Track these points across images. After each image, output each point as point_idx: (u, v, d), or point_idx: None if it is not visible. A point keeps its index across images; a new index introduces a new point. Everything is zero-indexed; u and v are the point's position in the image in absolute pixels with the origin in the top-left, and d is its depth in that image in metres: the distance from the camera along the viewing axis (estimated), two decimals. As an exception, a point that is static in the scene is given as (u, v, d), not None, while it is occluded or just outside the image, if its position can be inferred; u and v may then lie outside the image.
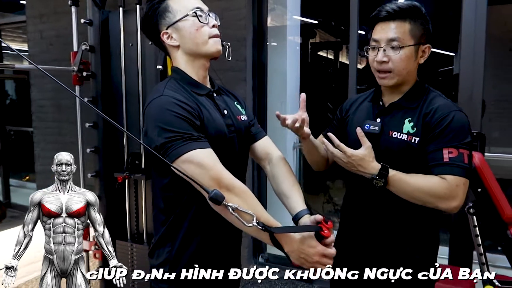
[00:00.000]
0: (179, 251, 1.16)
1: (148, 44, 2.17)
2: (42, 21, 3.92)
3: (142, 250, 2.21)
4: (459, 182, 1.20)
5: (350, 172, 1.33)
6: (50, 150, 4.18)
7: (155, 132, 1.06)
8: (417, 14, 1.29)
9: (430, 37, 1.32)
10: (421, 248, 1.34)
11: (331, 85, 4.72)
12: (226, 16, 2.90)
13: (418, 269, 1.35)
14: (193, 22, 1.16)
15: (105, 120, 2.29)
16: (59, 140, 4.05)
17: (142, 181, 2.22)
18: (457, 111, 1.26)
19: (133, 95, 2.22)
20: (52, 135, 4.09)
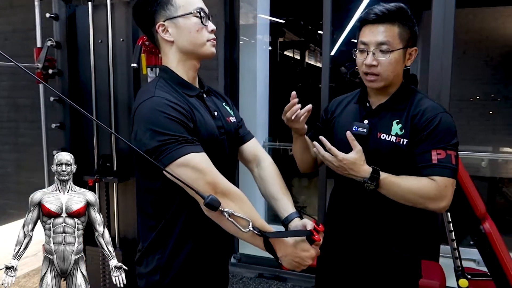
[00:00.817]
0: (170, 258, 1.12)
1: (119, 41, 2.09)
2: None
3: (115, 256, 2.12)
4: (447, 183, 1.22)
5: None
6: (6, 151, 3.93)
7: (146, 135, 1.01)
8: (405, 17, 1.30)
9: (416, 40, 1.34)
10: (408, 246, 1.37)
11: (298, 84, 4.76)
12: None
13: (406, 266, 1.38)
14: (195, 22, 1.12)
15: (73, 121, 2.18)
16: (16, 141, 3.82)
17: (114, 184, 2.13)
18: (444, 113, 1.28)
19: (103, 95, 2.12)
20: (8, 135, 3.85)
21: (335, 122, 1.47)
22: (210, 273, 1.17)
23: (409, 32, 1.30)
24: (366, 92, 1.42)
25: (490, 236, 1.61)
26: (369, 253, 1.38)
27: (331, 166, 1.29)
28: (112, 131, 0.95)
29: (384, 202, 1.30)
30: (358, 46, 1.33)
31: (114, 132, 0.96)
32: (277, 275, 2.91)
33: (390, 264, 1.36)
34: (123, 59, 2.09)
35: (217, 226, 1.03)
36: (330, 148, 1.27)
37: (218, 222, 1.01)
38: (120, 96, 2.10)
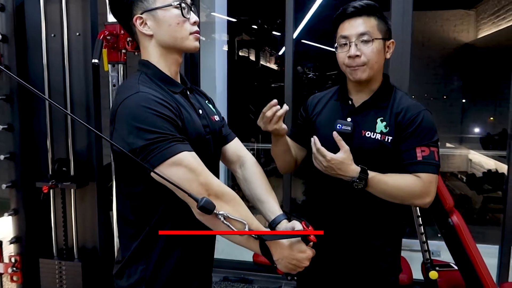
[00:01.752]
0: (156, 268, 1.03)
1: (75, 35, 1.94)
2: None
3: (73, 268, 1.96)
4: (432, 179, 1.26)
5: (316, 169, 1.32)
6: None
7: (133, 133, 0.92)
8: (380, 11, 1.33)
9: (391, 33, 1.37)
10: (389, 240, 1.38)
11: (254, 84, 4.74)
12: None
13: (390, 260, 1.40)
14: (175, 15, 1.04)
15: (23, 122, 1.99)
16: None
17: (71, 190, 1.97)
18: (425, 111, 1.31)
19: (58, 93, 1.95)
20: None
21: (316, 120, 1.45)
22: (197, 282, 1.10)
23: (386, 25, 1.33)
24: (346, 89, 1.42)
25: (458, 228, 1.68)
26: (352, 248, 1.38)
27: (319, 166, 1.27)
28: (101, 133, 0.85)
29: (364, 198, 1.30)
30: (338, 42, 1.34)
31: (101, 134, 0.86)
32: (243, 277, 2.86)
33: (373, 258, 1.36)
34: (79, 55, 1.94)
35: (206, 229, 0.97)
36: (319, 148, 1.25)
37: (211, 226, 0.95)
38: (77, 95, 1.94)
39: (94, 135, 1.95)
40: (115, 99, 1.01)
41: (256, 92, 4.85)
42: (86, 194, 2.00)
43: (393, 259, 1.39)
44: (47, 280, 2.00)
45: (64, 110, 0.82)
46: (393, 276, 1.42)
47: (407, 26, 2.45)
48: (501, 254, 2.47)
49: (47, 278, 1.99)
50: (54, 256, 2.01)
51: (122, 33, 1.75)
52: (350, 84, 1.40)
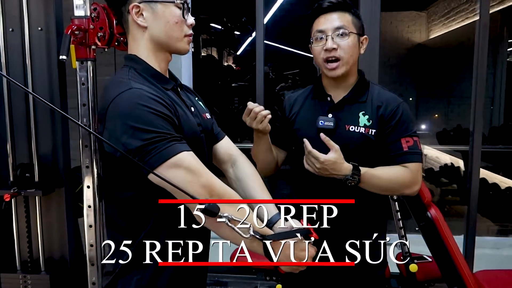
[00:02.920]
0: (154, 277, 0.96)
1: (37, 30, 1.80)
2: None
3: (40, 281, 1.82)
4: (418, 168, 1.31)
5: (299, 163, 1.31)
6: None
7: (127, 133, 0.85)
8: (353, 8, 1.37)
9: (364, 30, 1.40)
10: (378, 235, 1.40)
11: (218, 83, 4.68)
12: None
13: None
14: (176, 13, 0.99)
15: (-22, 125, 1.82)
16: None
17: (36, 198, 1.82)
18: (403, 102, 1.37)
19: (18, 93, 1.80)
20: None
21: (296, 119, 1.45)
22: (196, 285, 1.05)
23: (359, 21, 1.37)
24: (321, 86, 1.42)
25: (437, 221, 1.72)
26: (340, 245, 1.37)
27: (312, 168, 1.26)
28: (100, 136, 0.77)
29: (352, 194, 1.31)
30: (313, 36, 1.35)
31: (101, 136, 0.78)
32: (217, 280, 2.81)
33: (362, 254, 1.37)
34: (42, 51, 1.80)
35: (200, 234, 0.92)
36: (310, 150, 1.25)
37: (213, 229, 0.90)
38: (40, 95, 1.78)
39: (60, 137, 1.82)
40: (104, 97, 0.93)
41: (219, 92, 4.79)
42: (53, 201, 1.86)
43: (380, 252, 1.41)
44: (10, 295, 1.84)
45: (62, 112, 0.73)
46: (381, 270, 1.43)
47: (375, 25, 2.51)
48: (466, 244, 2.59)
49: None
50: (18, 269, 1.85)
51: (92, 27, 1.64)
52: (326, 81, 1.41)
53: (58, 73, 1.78)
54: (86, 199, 1.71)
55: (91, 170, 1.68)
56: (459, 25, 5.56)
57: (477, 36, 2.47)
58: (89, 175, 1.69)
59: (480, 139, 2.48)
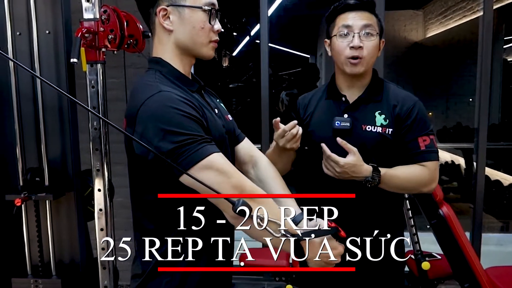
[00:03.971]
0: (183, 279, 0.96)
1: (45, 33, 1.78)
2: None
3: (52, 285, 1.81)
4: (436, 166, 1.32)
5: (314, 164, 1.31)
6: None
7: (159, 136, 0.85)
8: (375, 10, 1.36)
9: (383, 33, 1.39)
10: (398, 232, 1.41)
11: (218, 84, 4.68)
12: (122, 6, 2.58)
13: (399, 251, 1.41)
14: (202, 19, 0.99)
15: (-14, 129, 1.80)
16: None
17: (46, 202, 1.81)
18: (418, 101, 1.37)
19: (27, 97, 1.79)
20: None
21: (311, 122, 1.44)
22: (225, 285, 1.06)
23: (381, 23, 1.37)
24: (335, 86, 1.42)
25: (449, 219, 1.74)
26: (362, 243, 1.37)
27: (332, 172, 1.26)
28: (132, 136, 0.77)
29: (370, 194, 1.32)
30: (338, 32, 1.33)
31: (133, 137, 0.78)
32: (224, 281, 2.80)
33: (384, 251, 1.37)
34: (50, 55, 1.79)
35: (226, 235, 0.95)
36: (329, 155, 1.25)
37: (244, 229, 0.90)
38: (49, 98, 1.79)
39: (70, 141, 1.81)
40: (133, 100, 0.93)
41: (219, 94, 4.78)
42: (63, 205, 1.86)
43: (401, 250, 1.42)
44: (21, 301, 1.83)
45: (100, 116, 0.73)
46: (401, 267, 1.44)
47: (380, 25, 2.51)
48: (473, 241, 2.60)
49: (21, 299, 1.82)
50: (29, 274, 1.84)
51: (101, 30, 1.63)
52: (341, 80, 1.41)
53: (67, 76, 1.77)
54: (97, 202, 1.70)
55: (102, 173, 1.68)
56: (457, 23, 5.60)
57: (481, 32, 2.49)
58: (100, 178, 1.68)
59: (486, 136, 2.49)
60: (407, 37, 6.83)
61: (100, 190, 1.70)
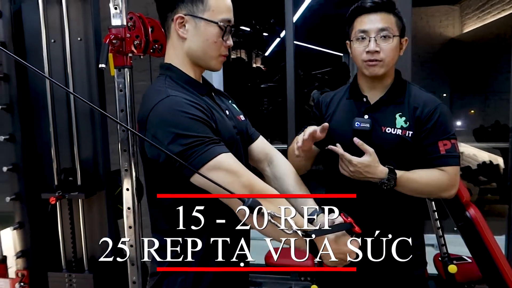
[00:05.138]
0: (197, 277, 1.00)
1: (77, 40, 1.88)
2: None
3: (84, 280, 1.90)
4: (456, 171, 1.28)
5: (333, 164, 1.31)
6: None
7: (168, 139, 0.89)
8: (396, 8, 1.34)
9: (405, 31, 1.37)
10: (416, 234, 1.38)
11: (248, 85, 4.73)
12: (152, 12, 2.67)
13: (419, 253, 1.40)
14: (216, 33, 1.02)
15: (24, 131, 1.92)
16: None
17: (79, 200, 1.90)
18: (441, 104, 1.34)
19: (60, 102, 1.89)
20: None
21: (332, 120, 1.44)
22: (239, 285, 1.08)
23: (401, 22, 1.34)
24: (357, 86, 1.41)
25: (476, 221, 1.68)
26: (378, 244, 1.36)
27: (346, 171, 1.26)
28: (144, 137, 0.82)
29: (388, 194, 1.30)
30: (354, 36, 1.33)
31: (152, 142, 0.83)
32: (251, 279, 2.83)
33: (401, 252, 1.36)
34: (82, 60, 1.88)
35: (240, 234, 0.96)
36: (342, 154, 1.25)
37: (256, 226, 0.93)
38: (81, 103, 1.88)
39: (100, 142, 1.90)
40: (144, 105, 0.98)
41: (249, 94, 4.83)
42: (94, 204, 1.95)
43: (421, 253, 1.40)
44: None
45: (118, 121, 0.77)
46: (421, 270, 1.42)
47: (407, 23, 2.45)
48: (508, 244, 2.50)
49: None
50: (63, 268, 1.94)
51: (128, 36, 1.70)
52: (363, 81, 1.40)
53: (97, 80, 1.86)
54: (126, 201, 1.77)
55: (129, 173, 1.75)
56: (495, 17, 5.37)
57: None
58: (128, 178, 1.75)
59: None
60: (443, 33, 6.62)
61: (128, 189, 1.77)
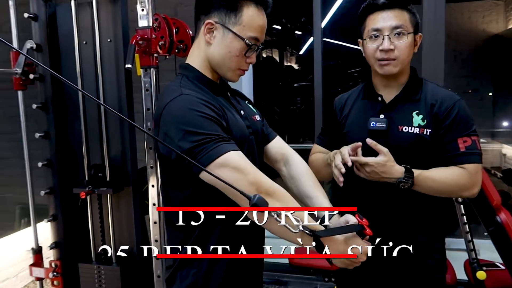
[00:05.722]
0: (209, 270, 1.02)
1: (107, 41, 1.95)
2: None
3: (112, 272, 1.98)
4: (477, 169, 1.23)
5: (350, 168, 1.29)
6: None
7: (179, 136, 0.92)
8: (409, 4, 1.30)
9: (419, 27, 1.34)
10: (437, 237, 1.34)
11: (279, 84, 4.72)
12: (181, 12, 2.73)
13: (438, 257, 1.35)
14: (240, 48, 1.04)
15: (58, 129, 2.02)
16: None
17: (108, 195, 1.98)
18: (460, 100, 1.29)
19: (92, 102, 1.97)
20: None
21: (346, 123, 1.42)
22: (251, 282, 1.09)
23: (415, 18, 1.30)
24: (371, 86, 1.39)
25: (507, 226, 1.61)
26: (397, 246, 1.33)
27: (362, 173, 1.24)
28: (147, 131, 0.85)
29: (407, 195, 1.27)
30: (367, 34, 1.31)
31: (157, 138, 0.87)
32: (277, 279, 2.84)
33: (419, 256, 1.32)
34: (111, 61, 1.95)
35: (253, 231, 0.96)
36: (357, 160, 1.23)
37: (263, 224, 0.93)
38: (109, 101, 1.96)
39: (128, 140, 1.96)
40: (158, 103, 1.01)
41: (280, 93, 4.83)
42: (122, 199, 2.02)
43: (441, 257, 1.35)
44: (86, 284, 2.02)
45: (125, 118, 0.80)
46: (440, 274, 1.37)
47: (440, 19, 2.38)
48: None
49: (87, 283, 2.01)
50: (93, 260, 2.03)
51: (153, 37, 1.75)
52: (377, 80, 1.37)
53: (125, 80, 1.92)
54: (151, 197, 1.83)
55: (155, 170, 1.80)
56: (543, 12, 5.06)
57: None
58: (154, 175, 1.80)
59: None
60: (486, 29, 6.32)
61: (154, 186, 1.82)
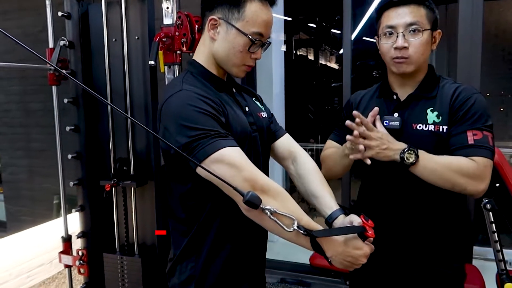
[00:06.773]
0: (206, 265, 1.03)
1: (134, 39, 2.01)
2: (6, 18, 3.63)
3: (133, 263, 2.04)
4: (486, 163, 1.14)
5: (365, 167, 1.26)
6: (18, 157, 3.88)
7: (177, 130, 0.93)
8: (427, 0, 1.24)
9: (437, 23, 1.27)
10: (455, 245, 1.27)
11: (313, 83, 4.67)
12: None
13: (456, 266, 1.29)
14: (243, 44, 1.03)
15: (88, 123, 2.10)
16: (28, 146, 3.76)
17: (132, 189, 2.04)
18: (478, 94, 1.22)
19: (119, 95, 2.03)
20: (20, 141, 3.80)
21: None
22: (248, 283, 1.09)
23: (434, 14, 1.24)
24: (388, 84, 1.35)
25: (540, 237, 1.50)
26: (411, 253, 1.28)
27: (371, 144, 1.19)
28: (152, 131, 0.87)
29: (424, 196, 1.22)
30: (382, 32, 1.27)
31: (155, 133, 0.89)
32: (300, 280, 2.81)
33: (435, 264, 1.26)
34: (138, 58, 2.00)
35: (254, 227, 0.95)
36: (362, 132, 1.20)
37: (258, 222, 0.93)
38: (136, 96, 2.01)
39: (152, 136, 2.01)
40: (162, 98, 1.02)
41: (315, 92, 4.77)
42: (144, 193, 2.07)
43: (459, 265, 1.28)
44: (110, 274, 2.09)
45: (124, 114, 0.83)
46: (457, 283, 1.30)
47: (477, 18, 2.26)
48: None
49: (110, 272, 2.08)
50: (117, 251, 2.10)
51: (177, 34, 1.78)
52: (393, 78, 1.33)
53: (150, 76, 1.97)
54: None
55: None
56: None
57: None
58: (175, 170, 1.83)
59: None
60: (538, 27, 5.94)
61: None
